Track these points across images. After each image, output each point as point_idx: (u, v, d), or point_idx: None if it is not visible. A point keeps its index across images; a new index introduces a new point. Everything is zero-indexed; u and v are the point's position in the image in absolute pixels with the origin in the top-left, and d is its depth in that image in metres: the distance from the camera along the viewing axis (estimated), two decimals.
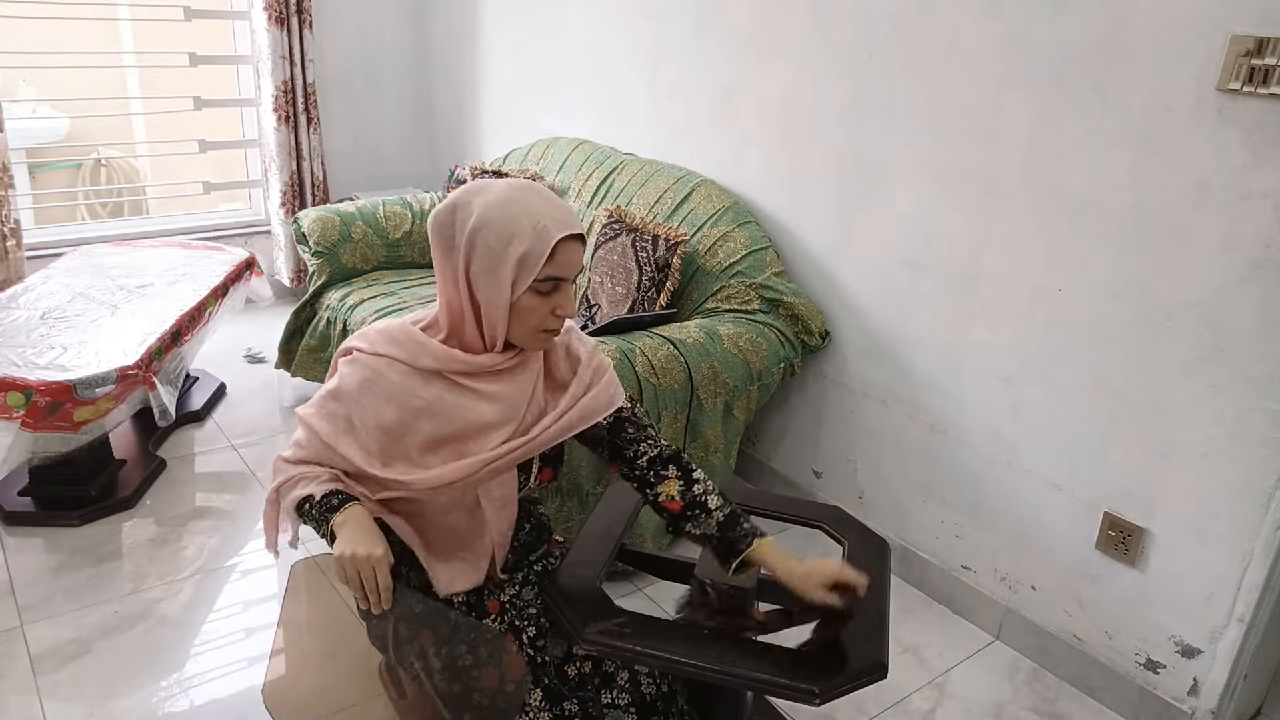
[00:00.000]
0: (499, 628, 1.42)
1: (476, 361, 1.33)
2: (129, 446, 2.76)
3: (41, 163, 4.93)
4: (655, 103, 2.92)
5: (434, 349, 1.32)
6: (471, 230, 1.27)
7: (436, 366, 1.32)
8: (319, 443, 1.33)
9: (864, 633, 1.30)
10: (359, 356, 1.35)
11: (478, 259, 1.27)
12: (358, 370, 1.33)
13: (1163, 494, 1.85)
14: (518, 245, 1.25)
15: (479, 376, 1.34)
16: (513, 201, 1.27)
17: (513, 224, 1.26)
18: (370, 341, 1.35)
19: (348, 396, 1.33)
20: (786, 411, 2.68)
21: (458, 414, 1.32)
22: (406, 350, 1.33)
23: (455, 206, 1.30)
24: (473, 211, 1.27)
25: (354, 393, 1.32)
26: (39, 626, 2.06)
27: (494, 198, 1.28)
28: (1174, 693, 1.91)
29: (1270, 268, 1.62)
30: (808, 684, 1.18)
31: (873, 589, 1.41)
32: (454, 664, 1.40)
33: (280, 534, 1.39)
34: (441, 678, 1.41)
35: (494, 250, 1.26)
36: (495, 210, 1.26)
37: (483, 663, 1.40)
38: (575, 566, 1.40)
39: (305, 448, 1.34)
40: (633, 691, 1.39)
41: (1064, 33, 1.83)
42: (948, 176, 2.10)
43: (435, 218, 1.32)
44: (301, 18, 3.66)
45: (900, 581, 2.40)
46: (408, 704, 1.69)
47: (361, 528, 1.26)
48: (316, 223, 3.04)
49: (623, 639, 1.24)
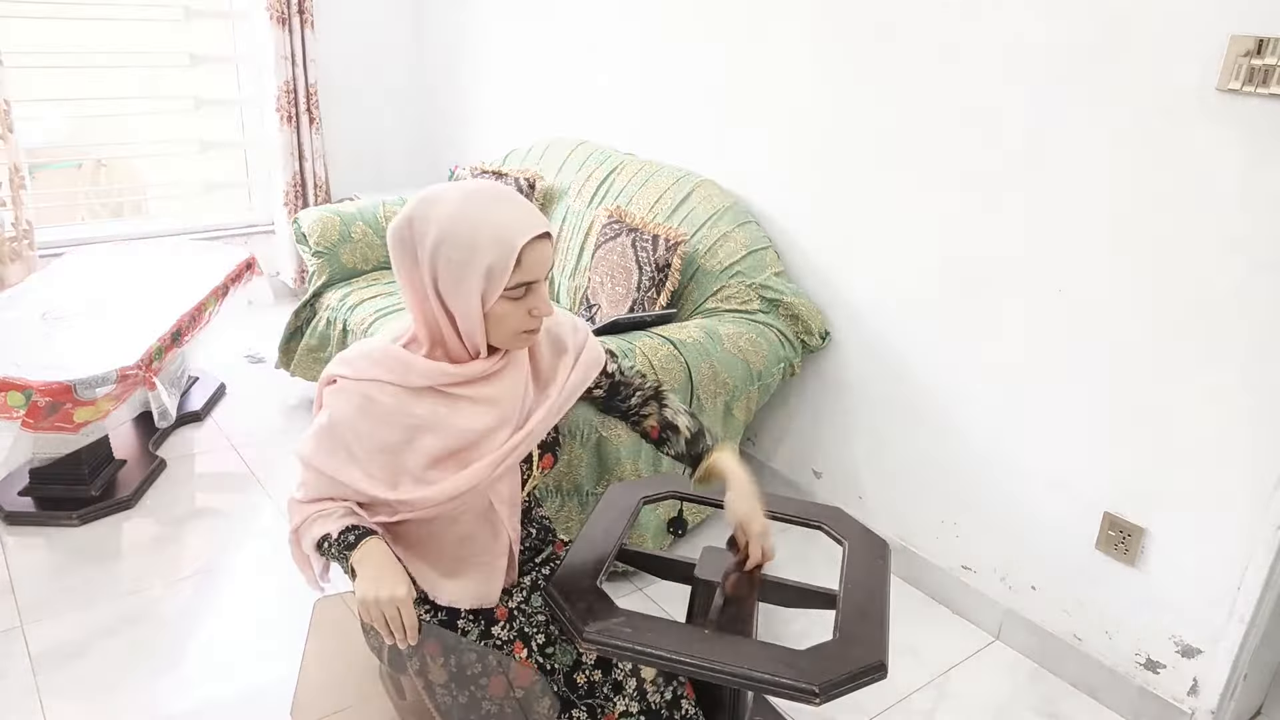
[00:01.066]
0: (508, 635, 1.42)
1: (466, 372, 1.30)
2: (129, 446, 2.76)
3: (41, 163, 4.92)
4: (655, 103, 2.92)
5: (421, 366, 1.29)
6: (433, 246, 1.22)
7: (427, 383, 1.29)
8: (325, 479, 1.30)
9: (864, 632, 1.30)
10: (345, 385, 1.31)
11: (443, 274, 1.24)
12: (347, 398, 1.30)
13: (1163, 494, 1.85)
14: (481, 258, 1.21)
15: (471, 384, 1.31)
16: (470, 213, 1.23)
17: (473, 235, 1.21)
18: (354, 367, 1.31)
19: (343, 426, 1.29)
20: (786, 411, 2.68)
21: (457, 425, 1.30)
22: (394, 371, 1.29)
23: (411, 220, 1.25)
24: (430, 225, 1.23)
25: (349, 421, 1.29)
26: (39, 626, 2.06)
27: (451, 209, 1.23)
28: (1174, 693, 1.91)
29: (1271, 268, 1.62)
30: (808, 683, 1.18)
31: (873, 589, 1.41)
32: (462, 672, 1.40)
33: (315, 571, 1.38)
34: (445, 691, 1.40)
35: (457, 265, 1.22)
36: (453, 224, 1.22)
37: (491, 671, 1.40)
38: (575, 566, 1.40)
39: (313, 486, 1.32)
40: (640, 700, 1.38)
41: (1064, 33, 1.83)
42: (948, 176, 2.10)
43: (394, 233, 1.28)
44: (303, 18, 3.66)
45: (900, 581, 2.40)
46: (408, 705, 1.70)
47: (381, 565, 1.25)
48: (316, 223, 3.04)
49: (623, 638, 1.24)
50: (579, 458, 2.11)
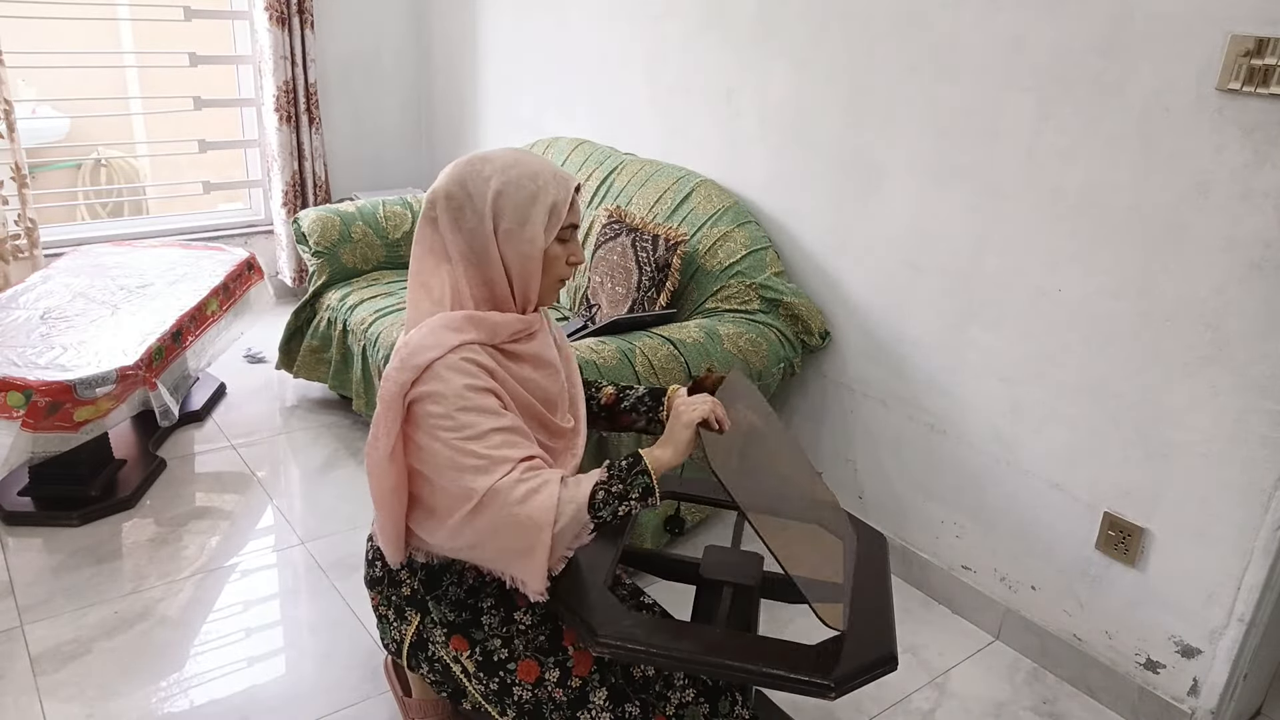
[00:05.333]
0: (530, 620, 1.44)
1: (529, 319, 1.40)
2: (129, 446, 2.76)
3: (41, 163, 4.93)
4: (655, 103, 2.92)
5: (496, 317, 1.35)
6: (495, 194, 1.32)
7: (507, 334, 1.36)
8: (509, 432, 1.30)
9: (870, 626, 1.30)
10: (443, 363, 1.28)
11: (508, 217, 1.33)
12: (454, 371, 1.28)
13: (1163, 494, 1.85)
14: (546, 195, 1.34)
15: (529, 338, 1.41)
16: (526, 161, 1.36)
17: (536, 179, 1.34)
18: (440, 343, 1.30)
19: (471, 395, 1.28)
20: (786, 411, 2.68)
21: (534, 379, 1.41)
22: (481, 328, 1.34)
23: (463, 180, 1.34)
24: (487, 178, 1.33)
25: (474, 389, 1.29)
26: (39, 626, 2.06)
27: (506, 161, 1.35)
28: (1174, 693, 1.91)
29: (1270, 268, 1.62)
30: (822, 679, 1.18)
31: (874, 583, 1.42)
32: (489, 659, 1.41)
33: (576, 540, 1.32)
34: (478, 681, 1.43)
35: (523, 206, 1.33)
36: (514, 170, 1.34)
37: (518, 655, 1.41)
38: (580, 569, 1.40)
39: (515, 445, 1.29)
40: (697, 684, 1.41)
41: (1064, 33, 1.83)
42: (948, 176, 2.10)
43: (444, 198, 1.35)
44: (303, 17, 3.66)
45: (900, 581, 2.40)
46: (413, 702, 1.70)
47: (664, 439, 1.35)
48: (316, 223, 3.04)
49: (636, 640, 1.25)
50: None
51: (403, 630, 1.51)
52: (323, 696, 1.91)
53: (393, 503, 1.36)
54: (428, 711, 1.68)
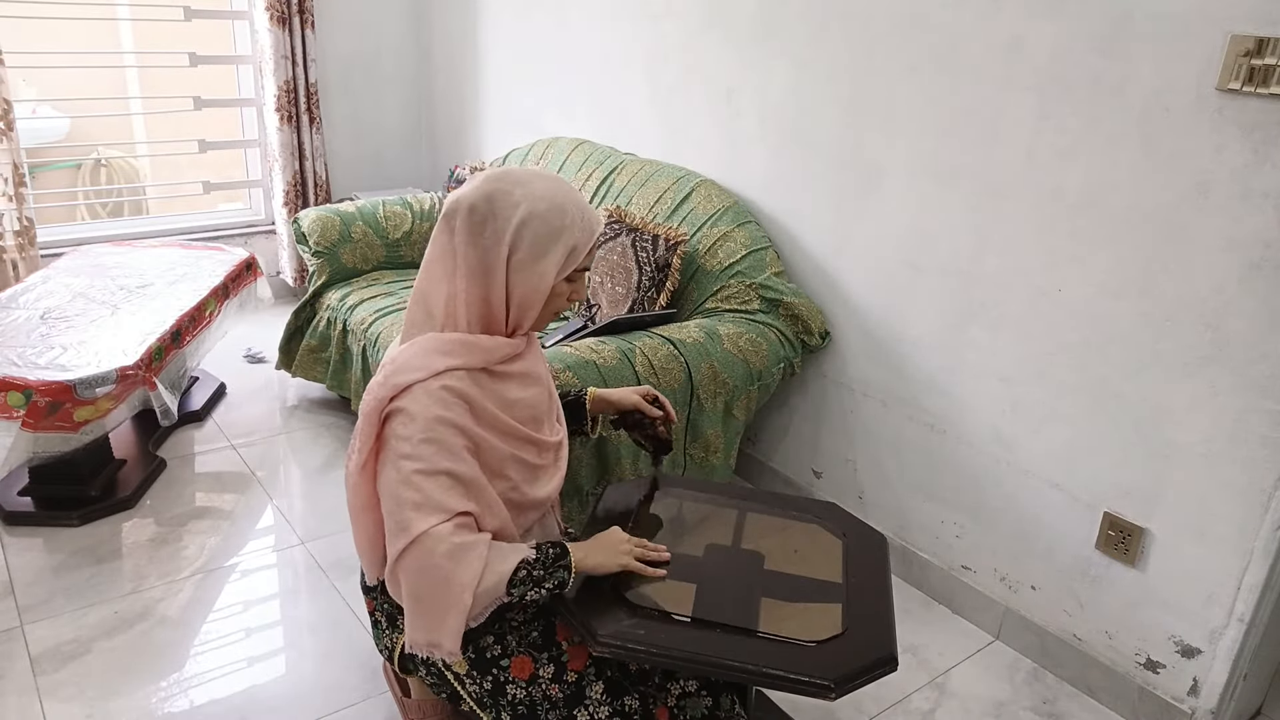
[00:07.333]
0: (524, 615, 1.44)
1: (515, 343, 1.39)
2: (129, 446, 2.76)
3: (41, 163, 4.93)
4: (655, 102, 2.92)
5: (486, 342, 1.34)
6: (520, 222, 1.29)
7: (496, 358, 1.35)
8: (460, 484, 1.27)
9: (870, 626, 1.30)
10: (421, 387, 1.27)
11: (526, 248, 1.30)
12: (435, 400, 1.27)
13: (1163, 494, 1.85)
14: (568, 237, 1.31)
15: (517, 359, 1.40)
16: (559, 194, 1.32)
17: (564, 216, 1.31)
18: (426, 365, 1.29)
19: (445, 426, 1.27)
20: (786, 411, 2.68)
21: (521, 398, 1.39)
22: (471, 352, 1.32)
23: (491, 197, 1.30)
24: (517, 203, 1.29)
25: (452, 416, 1.28)
26: (39, 626, 2.06)
27: (540, 189, 1.31)
28: (1174, 693, 1.91)
29: (1270, 267, 1.62)
30: (823, 678, 1.19)
31: (874, 583, 1.42)
32: (481, 656, 1.41)
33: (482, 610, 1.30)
34: (471, 681, 1.43)
35: (542, 241, 1.30)
36: (544, 203, 1.30)
37: (511, 652, 1.41)
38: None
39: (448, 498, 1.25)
40: (699, 675, 1.41)
41: (1064, 33, 1.83)
42: (948, 176, 2.10)
43: (466, 209, 1.30)
44: (304, 17, 3.67)
45: (900, 581, 2.40)
46: (413, 703, 1.70)
47: (593, 543, 1.36)
48: (316, 223, 3.04)
49: (637, 640, 1.25)
50: (579, 458, 2.11)
51: (394, 638, 1.52)
52: (322, 696, 1.91)
53: (366, 521, 1.36)
54: (427, 712, 1.68)
